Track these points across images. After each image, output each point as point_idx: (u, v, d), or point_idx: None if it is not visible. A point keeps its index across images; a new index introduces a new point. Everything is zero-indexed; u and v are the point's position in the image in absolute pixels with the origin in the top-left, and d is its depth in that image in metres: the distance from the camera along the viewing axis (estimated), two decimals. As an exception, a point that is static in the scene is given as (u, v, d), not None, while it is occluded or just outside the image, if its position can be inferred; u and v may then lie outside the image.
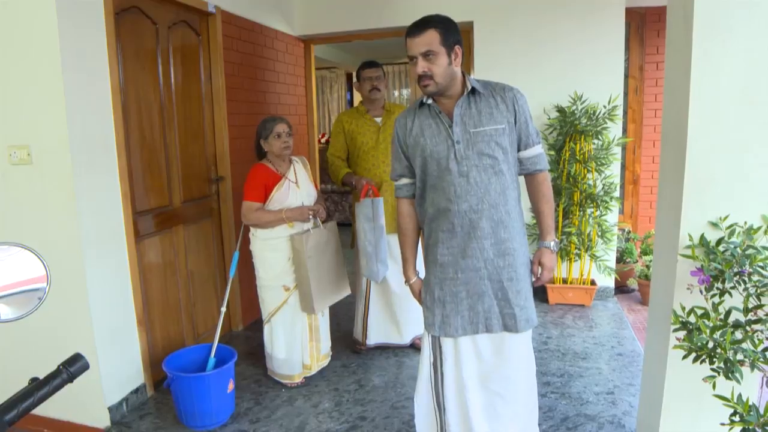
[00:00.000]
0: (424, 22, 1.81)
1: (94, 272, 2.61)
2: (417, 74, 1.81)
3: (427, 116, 1.93)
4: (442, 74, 1.81)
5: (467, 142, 1.86)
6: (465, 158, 1.85)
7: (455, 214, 1.88)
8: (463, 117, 1.87)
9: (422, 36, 1.79)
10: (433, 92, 1.85)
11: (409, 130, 1.96)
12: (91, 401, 2.70)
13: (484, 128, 1.86)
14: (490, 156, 1.86)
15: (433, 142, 1.89)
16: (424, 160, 1.92)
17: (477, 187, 1.86)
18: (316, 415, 2.78)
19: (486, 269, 1.90)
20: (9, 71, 2.50)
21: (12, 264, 0.87)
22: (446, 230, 1.91)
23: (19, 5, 2.43)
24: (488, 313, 1.92)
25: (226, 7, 3.63)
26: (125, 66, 2.85)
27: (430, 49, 1.78)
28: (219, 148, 3.69)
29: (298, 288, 2.91)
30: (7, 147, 2.56)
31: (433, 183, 1.92)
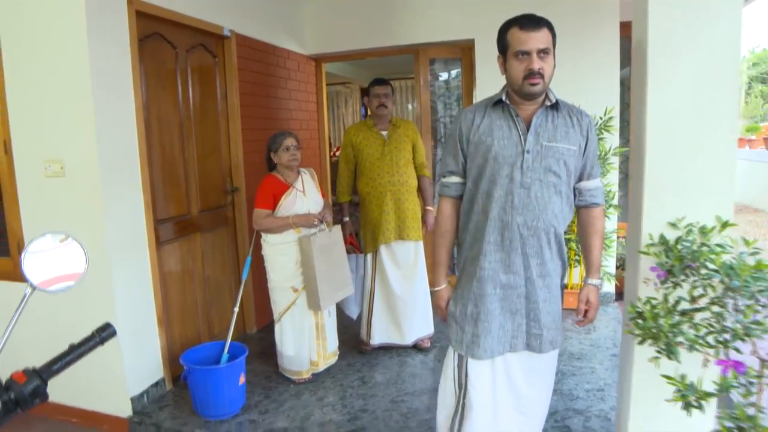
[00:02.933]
0: (539, 19, 1.72)
1: (119, 275, 2.87)
2: (528, 69, 1.70)
3: (500, 116, 1.82)
4: (549, 75, 1.74)
5: (537, 154, 1.76)
6: (531, 170, 1.76)
7: (507, 226, 1.78)
8: (538, 127, 1.78)
9: (541, 32, 1.70)
10: (539, 92, 1.75)
11: (476, 127, 1.83)
12: (115, 393, 2.94)
13: (557, 144, 1.78)
14: (556, 174, 1.79)
15: (500, 145, 1.78)
16: (485, 162, 1.80)
17: (536, 202, 1.77)
18: (320, 407, 2.98)
19: (525, 287, 1.82)
20: (45, 93, 2.80)
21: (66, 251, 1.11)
22: (493, 242, 1.80)
23: (54, 34, 2.72)
24: (516, 332, 1.85)
25: (240, 30, 3.92)
26: (148, 87, 3.14)
27: (548, 46, 1.71)
28: (234, 161, 3.95)
29: (306, 286, 3.13)
30: (43, 161, 2.85)
31: (488, 189, 1.80)
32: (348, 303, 3.66)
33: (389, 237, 3.45)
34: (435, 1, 4.62)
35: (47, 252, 1.10)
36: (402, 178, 3.46)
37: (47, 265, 1.08)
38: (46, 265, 1.08)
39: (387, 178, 3.43)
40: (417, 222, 3.51)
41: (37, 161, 2.88)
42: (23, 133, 2.91)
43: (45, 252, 1.10)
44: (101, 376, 2.96)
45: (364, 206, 3.55)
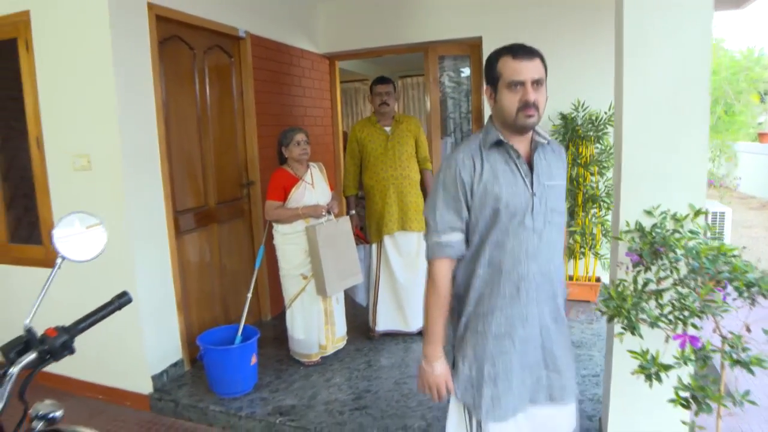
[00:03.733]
0: (531, 48, 1.60)
1: (141, 261, 3.09)
2: (522, 101, 1.55)
3: (498, 159, 1.63)
4: (543, 107, 1.60)
5: (541, 195, 1.62)
6: (539, 213, 1.62)
7: (522, 277, 1.62)
8: (537, 167, 1.64)
9: (534, 62, 1.57)
10: (533, 125, 1.61)
11: (479, 175, 1.62)
12: (137, 371, 3.17)
13: (555, 182, 1.68)
14: (559, 213, 1.69)
15: (509, 192, 1.60)
16: (496, 213, 1.61)
17: (548, 246, 1.64)
18: (327, 387, 3.17)
19: (541, 337, 1.67)
20: (73, 93, 3.03)
21: (95, 233, 1.31)
22: (507, 295, 1.63)
23: (81, 39, 2.95)
24: (536, 385, 1.69)
25: (255, 31, 4.11)
26: (167, 86, 3.35)
27: (542, 77, 1.58)
28: (249, 155, 4.16)
29: (314, 273, 3.32)
30: (71, 156, 3.09)
31: (499, 239, 1.62)
32: (358, 291, 3.84)
33: (392, 228, 3.62)
34: (443, 0, 4.75)
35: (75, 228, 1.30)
36: (405, 171, 3.62)
37: (74, 239, 1.27)
38: (73, 238, 1.27)
39: (390, 171, 3.60)
40: (419, 214, 3.67)
41: (66, 155, 3.12)
42: (54, 129, 3.15)
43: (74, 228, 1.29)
44: (125, 356, 3.20)
45: (368, 199, 3.73)
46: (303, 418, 2.83)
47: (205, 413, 3.00)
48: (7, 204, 3.55)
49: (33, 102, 3.18)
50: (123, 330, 3.13)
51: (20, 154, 3.39)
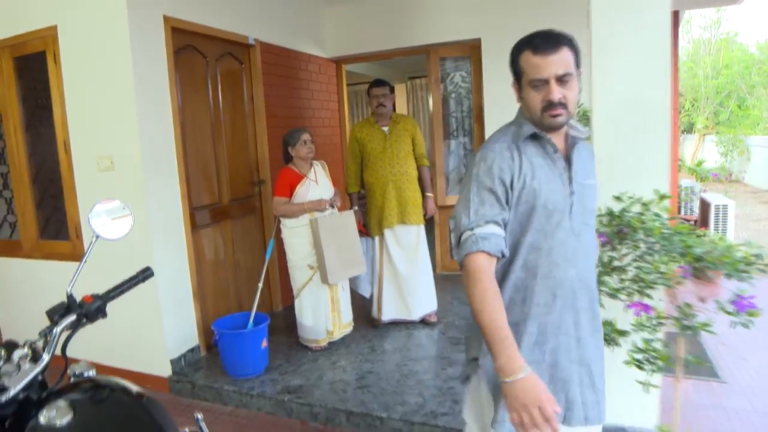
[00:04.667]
0: (556, 37, 1.43)
1: (160, 254, 3.35)
2: (545, 101, 1.42)
3: (535, 153, 1.49)
4: (574, 102, 1.45)
5: (579, 195, 1.50)
6: (578, 214, 1.49)
7: (560, 282, 1.48)
8: (575, 164, 1.51)
9: (559, 53, 1.40)
10: (562, 124, 1.47)
11: (518, 168, 1.47)
12: (157, 355, 3.43)
13: (591, 182, 1.56)
14: (593, 213, 1.59)
15: (548, 189, 1.46)
16: (532, 211, 1.46)
17: (586, 250, 1.53)
18: (333, 369, 3.40)
19: (577, 350, 1.52)
20: (97, 99, 3.31)
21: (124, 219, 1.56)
22: (542, 303, 1.49)
23: (103, 50, 3.22)
24: (571, 404, 1.51)
25: (264, 39, 4.37)
26: (182, 92, 3.61)
27: (569, 70, 1.41)
28: (260, 155, 4.41)
29: (318, 263, 3.56)
30: (96, 157, 3.36)
31: (535, 241, 1.48)
32: (360, 283, 4.07)
33: (392, 222, 3.85)
34: (443, 3, 4.97)
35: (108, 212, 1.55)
36: (402, 168, 3.85)
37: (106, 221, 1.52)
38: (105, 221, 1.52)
39: (389, 169, 3.83)
40: (417, 208, 3.89)
41: (91, 158, 3.39)
42: (80, 133, 3.43)
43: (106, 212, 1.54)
44: (146, 343, 3.46)
45: (369, 195, 3.96)
46: (309, 396, 3.06)
47: (220, 393, 3.25)
48: (37, 204, 3.84)
49: (60, 109, 3.46)
50: (144, 319, 3.40)
51: (49, 157, 3.68)
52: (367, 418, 2.84)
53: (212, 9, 3.79)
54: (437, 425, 2.68)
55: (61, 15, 3.35)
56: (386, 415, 2.80)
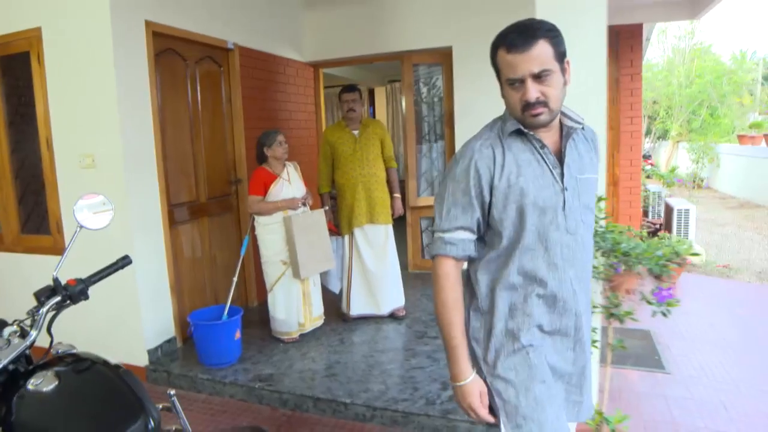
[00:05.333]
0: (531, 30, 1.34)
1: (139, 249, 3.50)
2: (524, 101, 1.35)
3: (521, 149, 1.43)
4: (557, 98, 1.36)
5: (573, 190, 1.43)
6: (573, 210, 1.42)
7: (559, 284, 1.43)
8: (568, 158, 1.44)
9: (533, 50, 1.31)
10: (545, 122, 1.38)
11: (500, 167, 1.41)
12: (134, 345, 3.58)
13: (588, 175, 1.48)
14: (591, 210, 1.50)
15: (537, 186, 1.40)
16: (522, 211, 1.40)
17: (583, 248, 1.46)
18: (302, 359, 3.59)
19: (574, 351, 1.50)
20: (80, 98, 3.45)
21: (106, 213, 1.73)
22: (542, 306, 1.45)
23: (86, 51, 3.37)
24: (566, 402, 1.54)
25: (243, 43, 4.54)
26: (162, 93, 3.77)
27: (546, 67, 1.32)
28: (237, 155, 4.58)
29: (290, 258, 3.74)
30: (78, 155, 3.51)
31: (529, 243, 1.41)
32: (331, 278, 4.26)
33: (361, 221, 4.05)
34: (416, 11, 5.18)
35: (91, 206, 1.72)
36: (371, 170, 4.06)
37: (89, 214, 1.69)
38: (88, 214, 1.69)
39: (358, 170, 4.03)
40: (386, 208, 4.10)
41: (73, 155, 3.53)
42: (62, 131, 3.57)
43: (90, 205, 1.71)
44: (124, 333, 3.61)
45: (340, 195, 4.16)
46: (279, 383, 3.25)
47: (194, 382, 3.42)
48: (19, 199, 3.96)
49: (43, 108, 3.60)
50: (123, 310, 3.55)
51: (31, 154, 3.80)
52: (333, 404, 3.03)
53: (193, 14, 3.95)
54: (397, 410, 2.88)
55: (46, 17, 3.49)
56: (350, 401, 3.00)
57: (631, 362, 3.66)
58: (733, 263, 7.29)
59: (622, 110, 6.18)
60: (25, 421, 1.33)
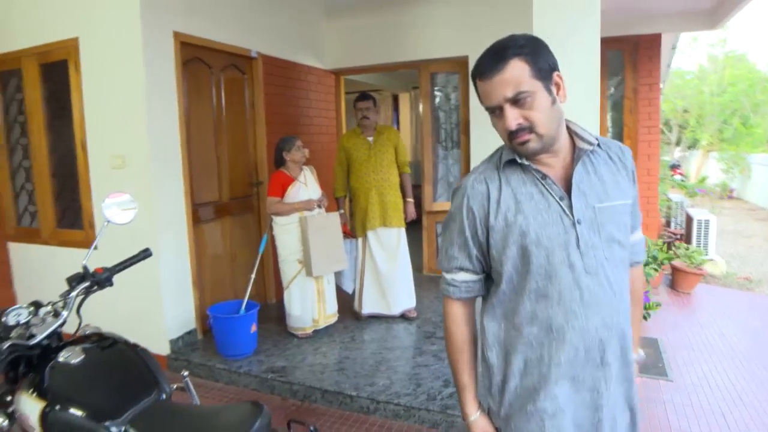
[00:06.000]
0: (500, 50, 1.20)
1: (164, 245, 3.73)
2: (507, 130, 1.22)
3: (522, 182, 1.28)
4: (546, 121, 1.21)
5: (591, 223, 1.25)
6: (591, 246, 1.24)
7: (581, 335, 1.24)
8: (579, 184, 1.26)
9: (504, 72, 1.18)
10: (537, 150, 1.24)
11: (495, 204, 1.28)
12: (158, 335, 3.81)
13: (613, 203, 1.28)
14: (621, 243, 1.29)
15: (539, 222, 1.24)
16: (525, 251, 1.26)
17: (612, 289, 1.25)
18: (314, 354, 3.76)
19: (607, 407, 1.28)
20: (112, 104, 3.71)
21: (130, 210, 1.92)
22: (565, 362, 1.25)
23: (119, 61, 3.62)
24: None
25: (266, 51, 4.76)
26: (188, 99, 4.00)
27: (521, 90, 1.18)
28: (259, 158, 4.79)
29: (304, 257, 3.92)
30: (109, 156, 3.76)
31: (540, 287, 1.26)
32: (344, 279, 4.43)
33: (374, 224, 4.22)
34: (434, 21, 5.34)
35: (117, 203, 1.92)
36: (385, 175, 4.22)
37: (116, 210, 1.89)
38: (115, 210, 1.89)
39: (372, 176, 4.20)
40: (398, 212, 4.26)
41: (105, 156, 3.79)
42: (96, 134, 3.83)
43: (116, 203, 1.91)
44: (148, 324, 3.83)
45: (354, 199, 4.34)
46: (290, 375, 3.43)
47: (212, 371, 3.62)
48: (55, 196, 4.24)
49: (79, 112, 3.86)
50: (148, 302, 3.78)
51: (67, 155, 4.08)
52: (339, 396, 3.20)
53: (218, 25, 4.19)
54: (399, 403, 3.03)
55: (83, 28, 3.75)
56: (356, 393, 3.16)
57: (636, 368, 3.73)
58: (755, 275, 7.22)
59: (640, 120, 6.22)
60: (56, 388, 1.53)
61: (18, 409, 1.58)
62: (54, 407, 1.49)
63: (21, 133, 4.35)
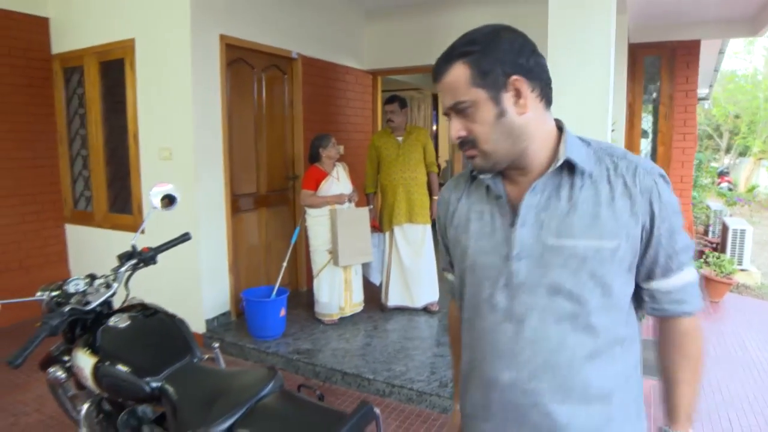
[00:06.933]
0: (450, 49, 1.04)
1: (205, 232, 4.04)
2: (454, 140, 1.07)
3: (480, 197, 1.12)
4: (489, 137, 1.01)
5: (536, 262, 1.01)
6: (525, 290, 1.02)
7: (491, 386, 1.06)
8: (539, 212, 1.02)
9: (445, 77, 1.02)
10: (484, 168, 1.05)
11: (451, 216, 1.18)
12: (195, 315, 4.12)
13: (575, 242, 0.99)
14: (573, 298, 1.00)
15: (478, 248, 1.08)
16: (463, 275, 1.13)
17: (537, 346, 1.01)
18: (338, 340, 4.00)
19: None
20: (162, 101, 4.03)
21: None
22: (479, 405, 1.11)
23: (169, 61, 3.94)
24: None
25: (305, 53, 5.02)
26: (231, 97, 4.30)
27: (458, 99, 1.01)
28: (296, 154, 5.06)
29: (332, 247, 4.17)
30: (158, 149, 4.09)
31: (469, 317, 1.13)
32: (372, 271, 4.66)
33: (401, 220, 4.42)
34: (471, 23, 5.35)
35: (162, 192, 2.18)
36: (412, 174, 4.42)
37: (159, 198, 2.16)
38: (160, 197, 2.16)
39: (400, 174, 4.41)
40: (424, 209, 4.45)
41: (154, 148, 4.12)
42: (147, 128, 4.17)
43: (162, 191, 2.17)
44: (187, 305, 4.14)
45: (382, 195, 4.56)
46: (314, 357, 3.68)
47: (243, 350, 3.91)
48: (108, 183, 4.62)
49: (133, 107, 4.21)
50: (188, 284, 4.10)
51: (120, 145, 4.44)
52: (358, 379, 3.42)
53: (261, 28, 4.47)
54: (412, 388, 3.23)
55: (139, 30, 4.09)
56: (373, 377, 3.38)
57: (647, 372, 3.82)
58: (793, 288, 7.08)
59: (675, 126, 6.20)
60: (106, 347, 1.80)
61: (74, 364, 1.86)
62: (104, 363, 1.76)
63: (80, 125, 4.75)
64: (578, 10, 2.75)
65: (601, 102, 2.66)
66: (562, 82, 2.73)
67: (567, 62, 2.71)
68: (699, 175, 8.62)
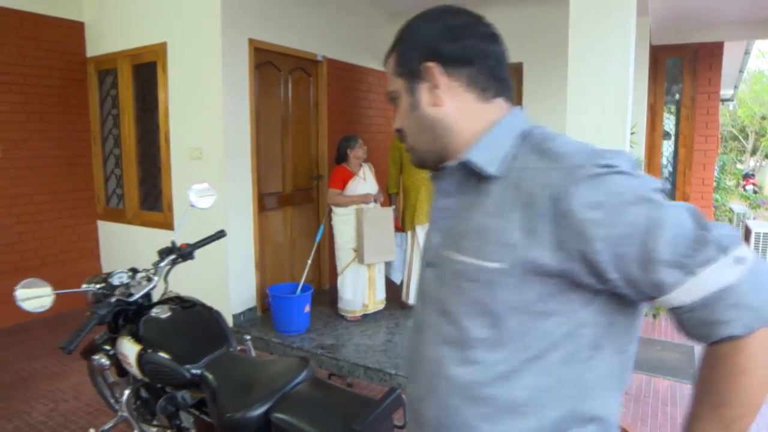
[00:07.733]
0: (392, 43, 0.99)
1: (232, 229, 4.17)
2: None
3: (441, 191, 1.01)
4: (410, 130, 0.95)
5: (437, 273, 0.91)
6: (427, 301, 0.93)
7: (409, 397, 0.98)
8: (445, 218, 0.92)
9: (388, 64, 0.98)
10: (415, 163, 0.98)
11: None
12: (223, 310, 4.15)
13: (461, 257, 0.85)
14: (453, 322, 0.86)
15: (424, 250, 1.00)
16: None
17: (426, 366, 0.91)
18: (360, 335, 4.11)
19: None
20: (192, 102, 4.17)
21: (209, 197, 2.30)
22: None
23: (200, 63, 4.08)
24: None
25: (330, 55, 5.13)
26: (259, 99, 4.43)
27: (390, 89, 0.97)
28: (321, 154, 5.18)
29: (357, 245, 4.28)
30: (188, 148, 4.23)
31: None
32: (394, 270, 4.75)
33: (422, 219, 4.50)
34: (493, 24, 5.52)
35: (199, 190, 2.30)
36: (434, 174, 4.49)
37: (198, 197, 2.28)
38: (197, 196, 2.28)
39: (422, 174, 4.49)
40: (446, 209, 4.52)
41: (185, 148, 4.27)
42: (177, 128, 4.32)
43: (199, 190, 2.29)
44: (215, 299, 4.22)
45: (405, 195, 4.65)
46: (337, 352, 3.79)
47: (268, 344, 4.04)
48: (140, 181, 4.79)
49: (164, 108, 4.36)
50: (216, 280, 4.24)
51: (152, 145, 4.60)
52: (380, 374, 3.52)
53: (288, 32, 4.59)
54: (434, 383, 3.32)
55: (171, 34, 4.25)
56: (394, 372, 3.48)
57: (665, 372, 3.86)
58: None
59: (696, 128, 6.18)
60: (148, 336, 1.93)
61: (119, 351, 1.99)
62: (147, 350, 1.88)
63: (113, 125, 4.93)
64: (599, 11, 2.80)
65: (621, 103, 2.72)
66: (582, 83, 2.80)
67: (587, 63, 2.77)
68: (722, 177, 8.55)
